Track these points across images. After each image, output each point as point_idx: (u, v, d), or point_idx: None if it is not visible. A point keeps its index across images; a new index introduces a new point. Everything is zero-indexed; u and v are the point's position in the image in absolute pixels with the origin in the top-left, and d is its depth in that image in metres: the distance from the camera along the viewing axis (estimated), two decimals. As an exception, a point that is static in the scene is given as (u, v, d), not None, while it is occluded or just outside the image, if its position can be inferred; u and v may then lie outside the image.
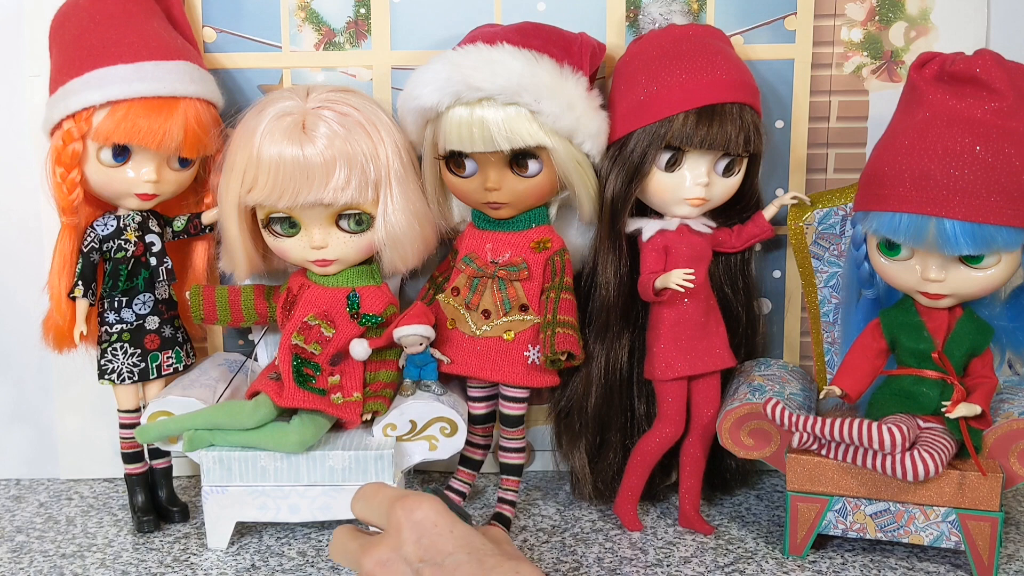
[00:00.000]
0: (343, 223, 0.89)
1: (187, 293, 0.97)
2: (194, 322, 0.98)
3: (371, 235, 0.90)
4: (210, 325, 1.00)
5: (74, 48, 0.90)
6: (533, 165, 0.89)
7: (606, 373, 0.95)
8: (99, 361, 0.94)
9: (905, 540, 0.85)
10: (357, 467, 0.88)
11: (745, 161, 0.92)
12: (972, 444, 0.82)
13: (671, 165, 0.90)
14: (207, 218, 0.97)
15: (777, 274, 1.04)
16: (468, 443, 0.96)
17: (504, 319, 0.92)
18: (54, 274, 0.93)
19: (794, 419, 0.84)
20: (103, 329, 0.94)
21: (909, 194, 0.80)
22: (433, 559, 0.54)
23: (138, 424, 0.93)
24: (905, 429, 0.80)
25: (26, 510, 1.01)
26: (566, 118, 0.86)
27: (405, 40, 1.00)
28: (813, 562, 0.87)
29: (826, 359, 1.00)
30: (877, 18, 1.00)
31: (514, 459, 0.96)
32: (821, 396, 0.91)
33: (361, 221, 0.89)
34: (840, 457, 0.84)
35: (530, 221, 0.93)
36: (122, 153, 0.89)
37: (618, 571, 0.86)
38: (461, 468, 0.99)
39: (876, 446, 0.80)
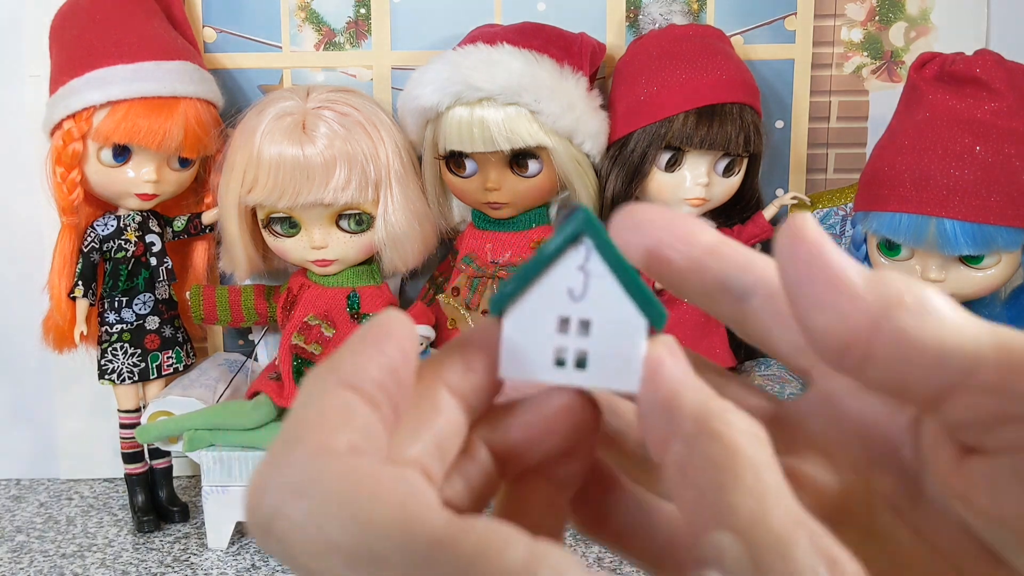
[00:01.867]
0: (343, 223, 0.89)
1: (187, 293, 0.97)
2: (194, 322, 0.98)
3: (371, 235, 0.90)
4: (210, 325, 1.00)
5: (74, 48, 0.90)
6: (533, 165, 0.89)
7: (606, 373, 0.95)
8: (99, 361, 0.94)
9: (905, 540, 0.85)
10: (357, 467, 0.88)
11: (745, 161, 0.92)
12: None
13: (671, 165, 0.90)
14: (207, 218, 0.97)
15: (777, 274, 1.04)
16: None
17: (504, 319, 0.92)
18: (54, 274, 0.93)
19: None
20: (103, 329, 0.94)
21: (909, 194, 0.81)
22: None
23: (138, 424, 0.93)
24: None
25: (26, 510, 1.01)
26: (566, 118, 0.86)
27: (405, 40, 1.00)
28: (813, 562, 0.87)
29: (826, 359, 1.00)
30: (877, 18, 1.00)
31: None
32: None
33: (361, 221, 0.89)
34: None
35: (530, 221, 0.93)
36: (122, 153, 0.89)
37: (619, 571, 0.86)
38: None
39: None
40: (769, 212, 0.96)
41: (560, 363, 0.24)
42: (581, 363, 0.24)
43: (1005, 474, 0.21)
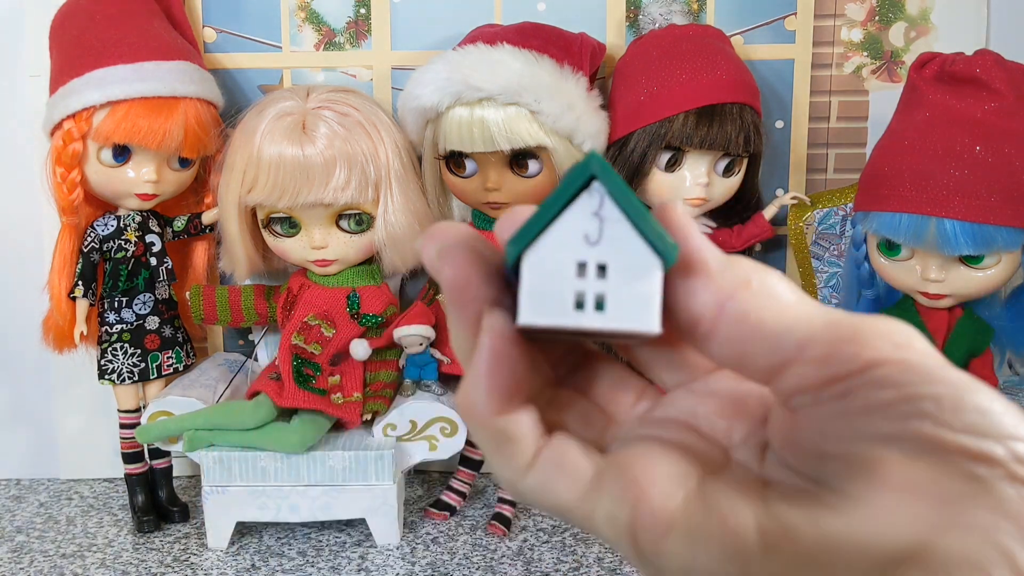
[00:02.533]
0: (343, 223, 0.89)
1: (187, 293, 0.97)
2: (194, 322, 0.98)
3: (371, 235, 0.90)
4: (210, 325, 1.00)
5: (74, 48, 0.90)
6: (533, 165, 0.89)
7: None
8: (99, 361, 0.94)
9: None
10: (357, 467, 0.88)
11: (745, 161, 0.92)
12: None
13: (671, 165, 0.90)
14: (207, 218, 0.97)
15: (777, 274, 1.04)
16: (468, 443, 0.96)
17: (504, 319, 0.92)
18: (54, 274, 0.93)
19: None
20: (103, 329, 0.94)
21: (909, 194, 0.81)
22: None
23: (138, 424, 0.93)
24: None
25: (26, 510, 1.01)
26: (566, 118, 0.86)
27: (405, 40, 1.00)
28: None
29: (826, 359, 1.00)
30: (877, 18, 1.00)
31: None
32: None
33: (361, 221, 0.89)
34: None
35: (530, 221, 0.93)
36: (122, 153, 0.89)
37: (618, 571, 0.86)
38: (461, 468, 0.99)
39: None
40: (769, 212, 0.96)
41: (580, 306, 0.24)
42: (600, 305, 0.24)
43: (830, 417, 0.23)
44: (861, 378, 0.23)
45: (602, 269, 0.24)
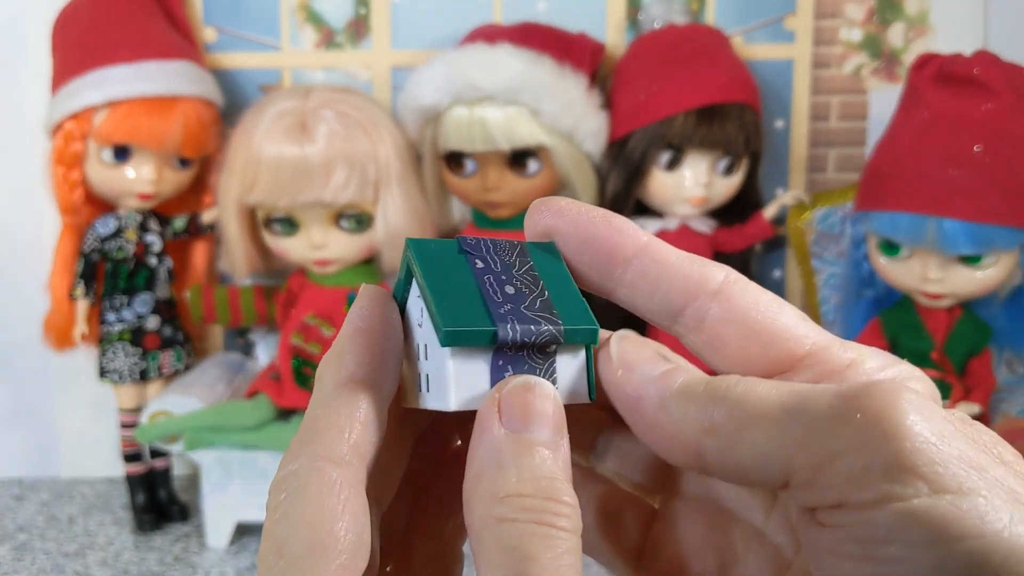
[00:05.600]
0: (343, 223, 0.89)
1: (187, 293, 0.97)
2: (194, 322, 0.98)
3: (371, 235, 0.90)
4: (210, 325, 1.00)
5: (75, 48, 0.90)
6: (533, 165, 0.89)
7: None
8: (99, 360, 0.95)
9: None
10: (357, 467, 0.88)
11: (745, 161, 0.92)
12: (971, 444, 0.82)
13: (671, 165, 0.90)
14: (207, 218, 0.97)
15: (777, 274, 1.04)
16: (468, 443, 0.96)
17: (504, 319, 0.92)
18: (55, 274, 0.93)
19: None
20: (103, 329, 0.94)
21: (909, 194, 0.81)
22: None
23: (138, 424, 0.93)
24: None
25: (28, 509, 1.01)
26: (566, 118, 0.87)
27: (405, 40, 1.00)
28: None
29: (826, 359, 1.00)
30: (876, 18, 1.00)
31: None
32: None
33: (361, 221, 0.89)
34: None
35: (530, 221, 0.93)
36: (122, 153, 0.90)
37: None
38: (461, 468, 0.99)
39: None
40: (769, 212, 0.96)
41: (428, 387, 0.25)
42: (428, 385, 0.24)
43: (847, 542, 0.21)
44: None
45: (426, 349, 0.24)
